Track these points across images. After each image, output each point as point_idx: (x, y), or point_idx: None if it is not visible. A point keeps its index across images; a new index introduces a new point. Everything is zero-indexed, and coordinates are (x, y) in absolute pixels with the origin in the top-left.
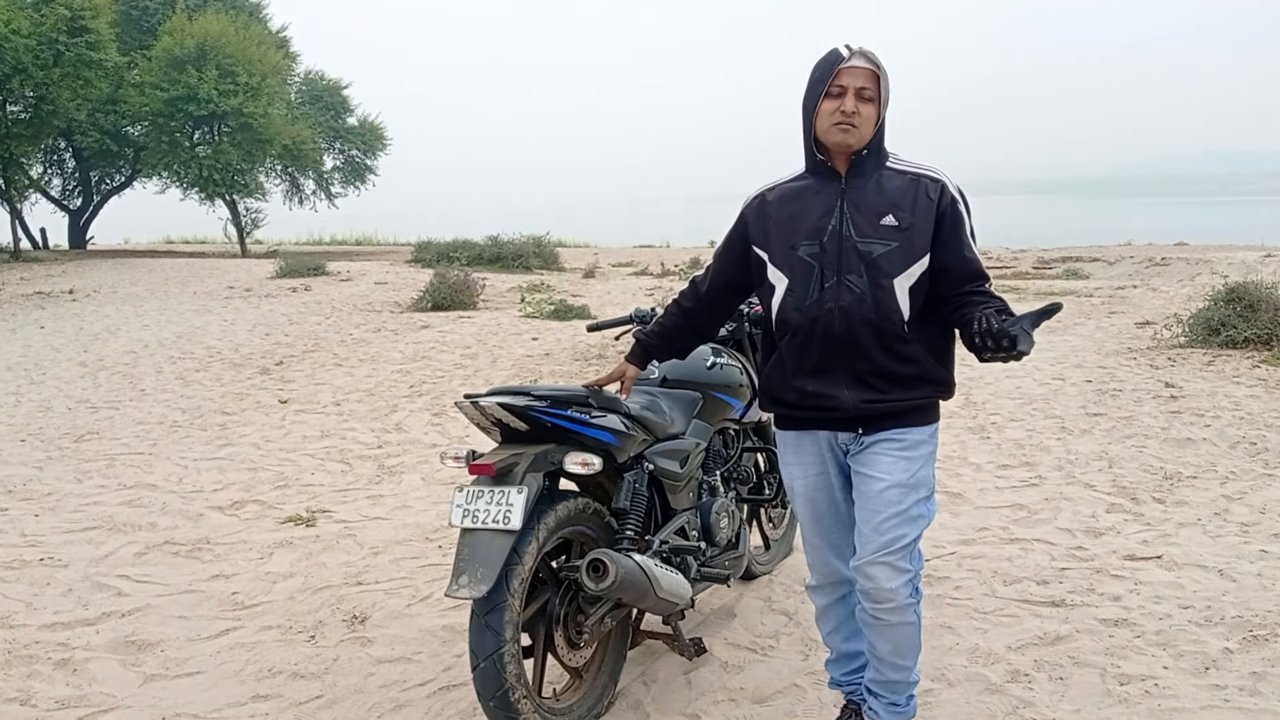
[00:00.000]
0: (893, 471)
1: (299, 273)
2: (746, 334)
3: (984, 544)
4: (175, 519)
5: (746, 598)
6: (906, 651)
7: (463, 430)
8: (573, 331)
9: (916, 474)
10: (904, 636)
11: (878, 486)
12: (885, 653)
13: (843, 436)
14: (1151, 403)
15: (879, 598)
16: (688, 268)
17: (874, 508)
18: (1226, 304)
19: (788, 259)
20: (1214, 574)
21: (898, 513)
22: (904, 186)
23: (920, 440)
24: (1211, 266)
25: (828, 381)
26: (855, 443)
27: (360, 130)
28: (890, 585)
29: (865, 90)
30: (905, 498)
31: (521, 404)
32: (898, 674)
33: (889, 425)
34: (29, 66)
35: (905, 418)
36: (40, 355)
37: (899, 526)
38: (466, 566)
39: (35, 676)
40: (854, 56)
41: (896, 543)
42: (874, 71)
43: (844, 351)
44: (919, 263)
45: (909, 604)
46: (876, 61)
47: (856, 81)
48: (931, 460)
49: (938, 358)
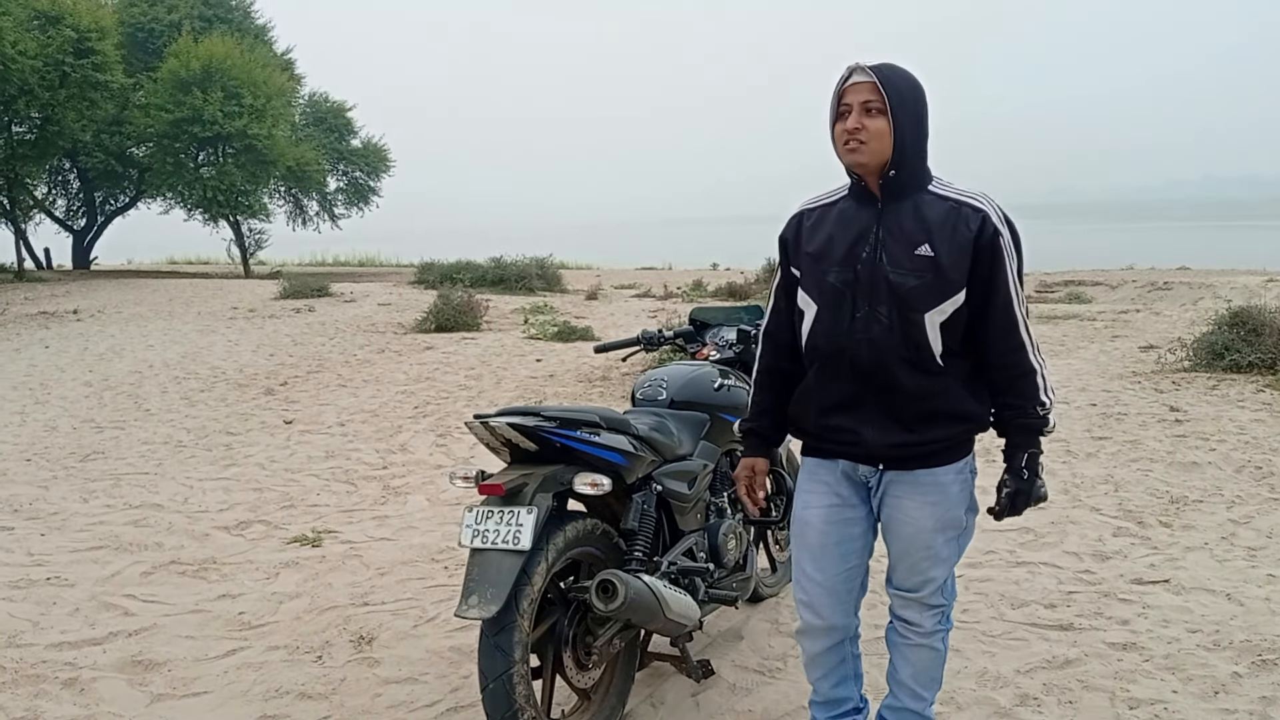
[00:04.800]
0: (919, 517)
1: (303, 294)
2: (753, 356)
3: (991, 567)
4: (181, 539)
5: (754, 620)
6: (925, 680)
7: (467, 451)
8: (576, 353)
9: (944, 517)
10: (925, 661)
11: (905, 531)
12: (905, 677)
13: (863, 469)
14: (1156, 426)
15: (908, 623)
16: (690, 290)
17: (903, 549)
18: (1230, 328)
19: (818, 284)
20: (1222, 598)
21: (926, 556)
22: (943, 215)
23: (946, 482)
24: (1214, 291)
25: (853, 416)
26: (876, 476)
27: (364, 152)
28: (918, 619)
29: (869, 103)
30: (934, 540)
31: (531, 424)
32: (915, 703)
33: (914, 466)
34: (35, 87)
35: (932, 459)
36: (45, 375)
37: (929, 570)
38: (476, 587)
39: (42, 696)
40: (854, 73)
41: (926, 585)
42: (874, 83)
43: (871, 384)
44: (953, 299)
45: (936, 631)
46: (880, 73)
47: (859, 97)
48: (963, 499)
49: (971, 392)
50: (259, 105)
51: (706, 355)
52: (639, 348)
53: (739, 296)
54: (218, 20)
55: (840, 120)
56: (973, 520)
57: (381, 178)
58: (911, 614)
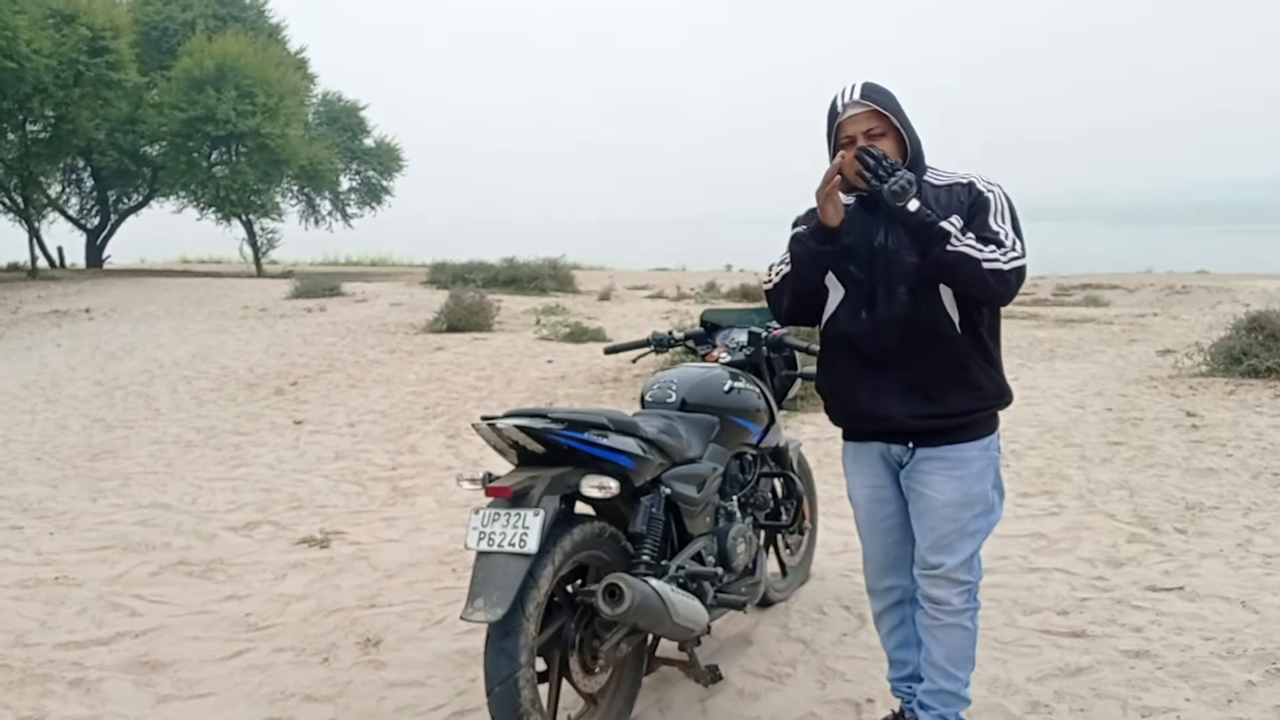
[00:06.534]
0: (945, 490)
1: (314, 293)
2: (764, 358)
3: (1004, 573)
4: (189, 539)
5: (763, 625)
6: (959, 660)
7: (477, 453)
8: (588, 354)
9: (970, 491)
10: (957, 641)
11: (932, 505)
12: (939, 658)
13: (895, 449)
14: (1173, 432)
15: (935, 602)
16: (704, 291)
17: (929, 524)
18: (1248, 333)
19: (841, 273)
20: (1236, 606)
21: (953, 530)
22: (939, 197)
23: (972, 457)
24: (1233, 295)
25: (881, 397)
26: (907, 454)
27: (377, 151)
28: (946, 595)
29: (872, 130)
30: (960, 514)
31: (539, 426)
32: (950, 683)
33: (940, 442)
34: (49, 86)
35: (957, 434)
36: (56, 373)
37: (955, 544)
38: (482, 590)
39: (49, 696)
40: (848, 107)
41: (952, 559)
42: (873, 111)
43: (897, 362)
44: None
45: (965, 609)
46: (873, 98)
47: (859, 128)
48: (988, 474)
49: (989, 362)
50: (272, 104)
51: (717, 357)
52: (649, 349)
53: (752, 298)
54: (231, 19)
55: (845, 150)
56: (1000, 501)
57: (394, 177)
58: (940, 591)
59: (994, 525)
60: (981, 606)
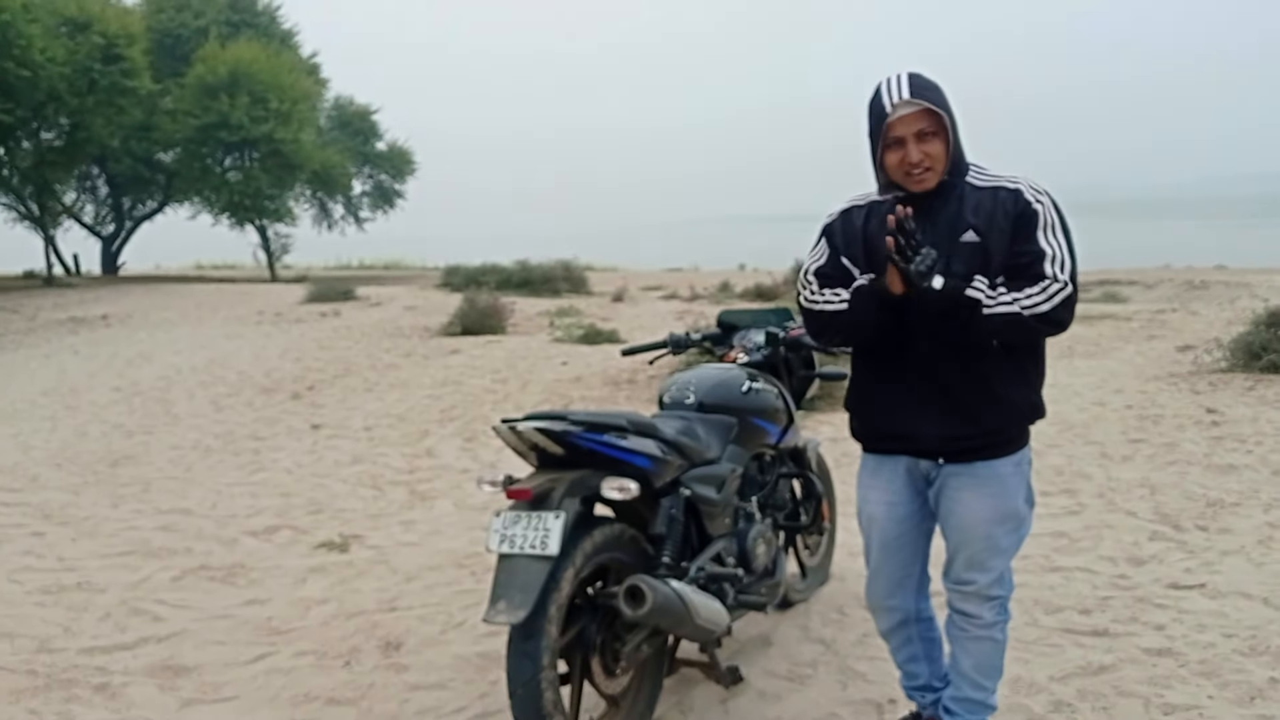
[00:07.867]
0: (977, 508)
1: (328, 298)
2: (781, 358)
3: (1025, 573)
4: (210, 544)
5: (783, 626)
6: (988, 670)
7: (494, 455)
8: (603, 356)
9: (1003, 508)
10: (986, 652)
11: (964, 522)
12: (967, 668)
13: (924, 464)
14: (1193, 428)
15: (967, 616)
16: (717, 291)
17: (961, 540)
18: (1267, 328)
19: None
20: (1258, 603)
21: (985, 547)
22: (983, 201)
23: (1005, 474)
24: (1251, 290)
25: (912, 413)
26: (936, 469)
27: (389, 155)
28: (978, 610)
29: (923, 131)
30: (993, 531)
31: (559, 429)
32: (977, 693)
33: (972, 459)
34: (64, 94)
35: (989, 451)
36: (75, 380)
37: (987, 560)
38: (504, 592)
39: (74, 700)
40: (899, 106)
41: (985, 576)
42: (924, 110)
43: (929, 376)
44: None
45: (996, 622)
46: (926, 96)
47: (911, 128)
48: (1020, 489)
49: (1024, 378)
50: (285, 109)
51: (734, 358)
52: (666, 351)
53: (767, 298)
54: (244, 25)
55: (892, 150)
56: (1030, 512)
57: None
58: (971, 606)
59: (1025, 538)
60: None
